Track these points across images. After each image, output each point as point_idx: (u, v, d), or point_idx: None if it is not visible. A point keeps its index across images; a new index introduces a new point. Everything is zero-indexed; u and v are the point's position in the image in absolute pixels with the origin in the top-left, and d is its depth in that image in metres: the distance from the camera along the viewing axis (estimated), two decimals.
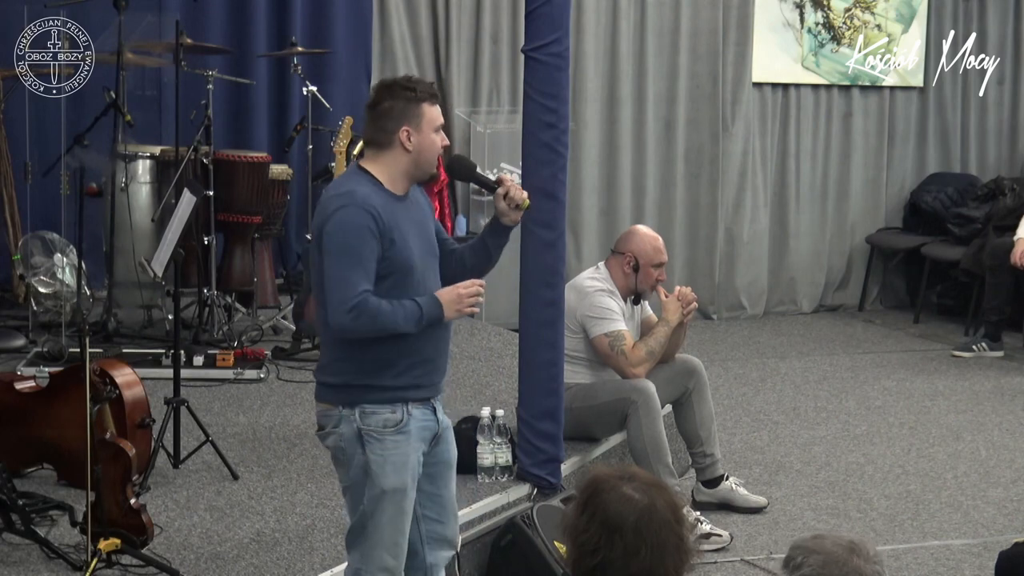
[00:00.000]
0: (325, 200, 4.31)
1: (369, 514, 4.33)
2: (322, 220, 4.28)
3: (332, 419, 4.35)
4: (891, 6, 11.47)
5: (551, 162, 5.72)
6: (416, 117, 4.34)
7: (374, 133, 4.39)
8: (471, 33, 10.30)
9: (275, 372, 7.60)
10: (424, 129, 4.36)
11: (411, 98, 4.34)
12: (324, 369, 4.42)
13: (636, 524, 2.91)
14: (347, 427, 4.32)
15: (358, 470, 4.32)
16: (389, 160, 4.37)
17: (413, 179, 4.45)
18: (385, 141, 4.36)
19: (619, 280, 6.50)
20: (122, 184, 7.99)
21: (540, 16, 5.69)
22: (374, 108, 4.38)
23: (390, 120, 4.34)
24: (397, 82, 4.43)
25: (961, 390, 8.96)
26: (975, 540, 6.33)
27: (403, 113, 4.33)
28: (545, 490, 5.81)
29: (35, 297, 8.07)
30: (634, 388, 6.28)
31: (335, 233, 4.24)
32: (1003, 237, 10.17)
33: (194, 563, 4.92)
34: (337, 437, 4.34)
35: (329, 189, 4.40)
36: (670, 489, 3.04)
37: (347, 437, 4.32)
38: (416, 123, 4.34)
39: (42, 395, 5.69)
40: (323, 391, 4.40)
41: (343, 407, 4.33)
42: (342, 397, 4.34)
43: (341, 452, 4.35)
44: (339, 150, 8.13)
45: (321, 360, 4.48)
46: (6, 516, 4.97)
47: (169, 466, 5.88)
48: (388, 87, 4.41)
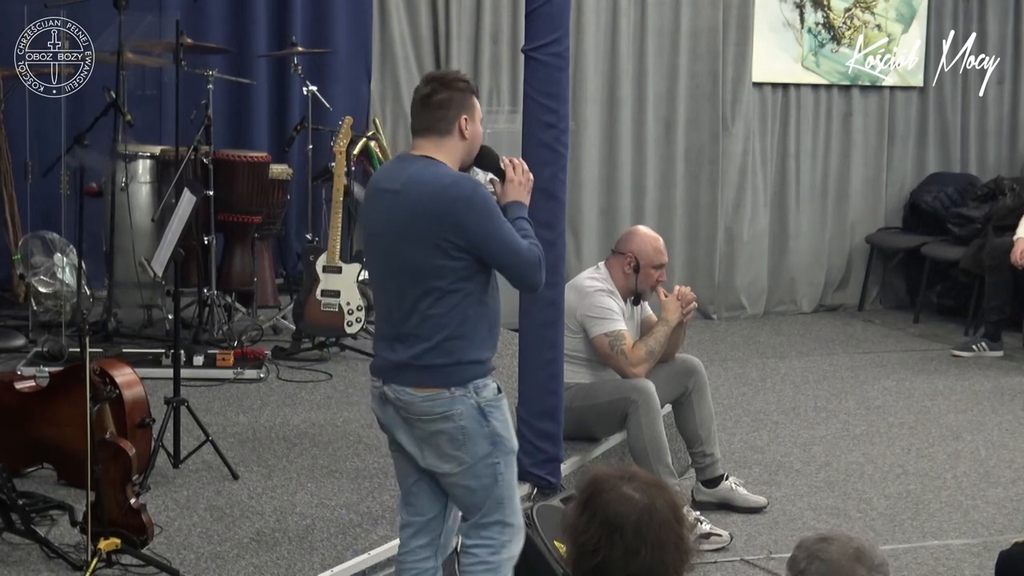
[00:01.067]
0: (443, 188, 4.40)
1: (507, 478, 4.52)
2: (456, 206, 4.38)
3: (442, 403, 4.43)
4: (891, 6, 11.47)
5: (551, 162, 5.72)
6: (471, 108, 4.56)
7: (433, 122, 4.54)
8: (471, 33, 10.30)
9: (275, 372, 7.60)
10: (476, 119, 4.58)
11: (465, 89, 4.57)
12: (430, 352, 4.44)
13: (636, 524, 2.91)
14: (464, 406, 4.43)
15: (484, 442, 4.45)
16: (450, 146, 4.54)
17: (465, 166, 4.63)
18: (444, 129, 4.53)
19: (619, 280, 6.50)
20: (122, 184, 7.99)
21: (540, 16, 5.69)
22: (430, 99, 4.55)
23: (450, 110, 4.53)
24: (449, 75, 4.66)
25: (961, 390, 8.96)
26: (975, 540, 6.33)
27: (461, 104, 4.53)
28: (545, 490, 5.81)
29: (35, 297, 8.07)
30: (634, 388, 6.28)
31: (486, 208, 4.42)
32: (1003, 237, 10.17)
33: (194, 563, 4.92)
34: (456, 418, 4.42)
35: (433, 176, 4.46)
36: (670, 489, 3.04)
37: (468, 415, 4.43)
38: (471, 113, 4.56)
39: (42, 395, 5.69)
40: (428, 376, 4.44)
41: (455, 387, 4.42)
42: (454, 378, 4.43)
43: (462, 432, 4.43)
44: (339, 150, 8.14)
45: (416, 347, 4.47)
46: (6, 516, 4.97)
47: (169, 466, 5.89)
48: (441, 79, 4.61)
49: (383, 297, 4.58)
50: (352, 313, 7.90)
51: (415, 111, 4.59)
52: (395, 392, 4.48)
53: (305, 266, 8.12)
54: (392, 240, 4.47)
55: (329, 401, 7.17)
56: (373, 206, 4.59)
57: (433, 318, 4.42)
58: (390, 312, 4.53)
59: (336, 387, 7.44)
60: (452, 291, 4.42)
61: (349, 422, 6.78)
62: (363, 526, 5.34)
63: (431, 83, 4.60)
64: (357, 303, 7.92)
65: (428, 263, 4.39)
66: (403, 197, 4.44)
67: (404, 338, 4.48)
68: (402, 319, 4.48)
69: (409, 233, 4.41)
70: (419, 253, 4.41)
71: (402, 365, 4.46)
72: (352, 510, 5.52)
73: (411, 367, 4.45)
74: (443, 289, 4.41)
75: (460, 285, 4.42)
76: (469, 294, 4.44)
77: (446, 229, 4.36)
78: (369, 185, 4.80)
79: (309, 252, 8.09)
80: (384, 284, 4.56)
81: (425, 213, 4.39)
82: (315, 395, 7.27)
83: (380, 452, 6.29)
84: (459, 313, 4.43)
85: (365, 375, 7.62)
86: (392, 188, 4.49)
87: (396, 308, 4.49)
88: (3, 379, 5.87)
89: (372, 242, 4.61)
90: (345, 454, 6.27)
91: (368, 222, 4.62)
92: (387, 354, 4.53)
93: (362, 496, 5.69)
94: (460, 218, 4.37)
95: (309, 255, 8.06)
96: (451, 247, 4.37)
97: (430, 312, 4.42)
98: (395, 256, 4.47)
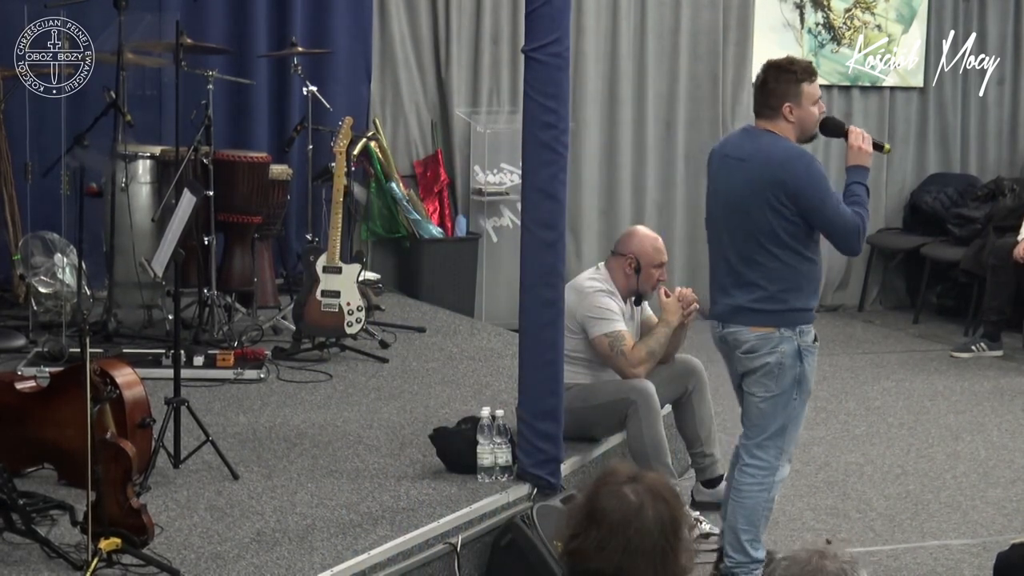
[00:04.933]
0: (780, 163, 5.34)
1: (797, 415, 5.53)
2: (793, 177, 5.32)
3: (771, 341, 5.40)
4: (891, 6, 11.49)
5: (551, 162, 5.72)
6: (796, 95, 5.40)
7: (762, 107, 5.48)
8: (471, 33, 10.32)
9: (275, 372, 7.60)
10: (804, 103, 5.40)
11: (790, 80, 5.40)
12: (769, 299, 5.38)
13: (615, 523, 2.93)
14: (789, 346, 5.39)
15: (790, 381, 5.42)
16: (781, 126, 5.43)
17: (804, 139, 5.51)
18: (771, 114, 5.42)
19: (620, 281, 6.50)
20: (122, 184, 7.99)
21: (540, 16, 5.69)
22: (762, 85, 5.47)
23: (772, 97, 5.42)
24: (782, 63, 5.47)
25: (960, 390, 8.98)
26: (974, 540, 6.34)
27: (785, 93, 5.40)
28: (545, 490, 5.82)
29: (35, 297, 8.07)
30: (634, 388, 6.29)
31: (817, 181, 5.40)
32: (1004, 237, 10.19)
33: (194, 562, 4.93)
34: (780, 355, 5.39)
35: (774, 149, 5.39)
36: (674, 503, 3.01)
37: (789, 354, 5.39)
38: (796, 100, 5.40)
39: (42, 395, 5.69)
40: (762, 317, 5.40)
41: (784, 328, 5.39)
42: (786, 320, 5.40)
43: (779, 367, 5.41)
44: (339, 150, 8.15)
45: (755, 293, 5.40)
46: (7, 516, 4.98)
47: (169, 466, 5.89)
48: (773, 67, 5.46)
49: (721, 248, 5.53)
50: (352, 313, 7.91)
51: (754, 93, 5.60)
52: (730, 331, 5.47)
53: (305, 266, 8.13)
54: (738, 200, 5.40)
55: (329, 401, 7.17)
56: (720, 169, 5.53)
57: (772, 271, 5.34)
58: (729, 262, 5.47)
59: (336, 387, 7.45)
60: (787, 248, 5.33)
61: (349, 422, 6.79)
62: (363, 526, 5.35)
63: (766, 70, 5.48)
64: (357, 303, 7.92)
65: (767, 224, 5.31)
66: (748, 164, 5.38)
67: (743, 285, 5.41)
68: (743, 268, 5.41)
69: (752, 197, 5.33)
70: (760, 215, 5.32)
71: (739, 308, 5.42)
72: (352, 510, 5.53)
73: (751, 310, 5.40)
74: (780, 245, 5.32)
75: (793, 243, 5.33)
76: (800, 251, 5.35)
77: (782, 196, 5.28)
78: (716, 151, 5.67)
79: (309, 252, 8.10)
80: (723, 238, 5.50)
81: (767, 181, 5.31)
82: (315, 395, 7.28)
83: (380, 452, 6.30)
84: (791, 267, 5.35)
85: (365, 375, 7.67)
86: (739, 156, 5.45)
87: (736, 259, 5.43)
88: (3, 379, 5.87)
89: (716, 199, 5.56)
90: (345, 454, 6.28)
91: (716, 182, 5.56)
92: (725, 299, 5.50)
93: (362, 496, 5.70)
94: (795, 188, 5.28)
95: (309, 255, 8.06)
96: (787, 211, 5.29)
97: (769, 265, 5.34)
98: (739, 215, 5.39)
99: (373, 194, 9.93)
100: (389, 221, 10.01)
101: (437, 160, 10.24)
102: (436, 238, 10.03)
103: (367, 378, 7.66)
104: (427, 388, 7.50)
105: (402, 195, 9.92)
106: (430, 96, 10.33)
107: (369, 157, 9.78)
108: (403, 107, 10.19)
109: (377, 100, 10.08)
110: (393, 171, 9.96)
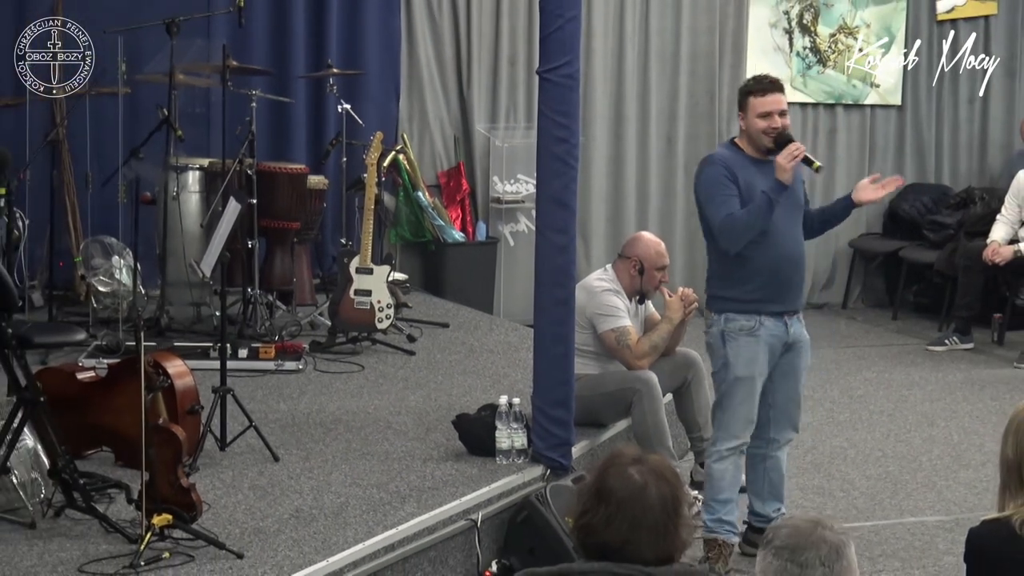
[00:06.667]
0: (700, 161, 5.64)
1: (726, 395, 5.51)
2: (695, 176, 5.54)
3: (709, 323, 5.53)
4: (872, 32, 11.44)
5: (563, 173, 5.70)
6: (744, 107, 5.46)
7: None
8: (491, 56, 10.31)
9: (312, 364, 7.59)
10: (750, 114, 5.42)
11: (743, 92, 5.51)
12: (709, 285, 5.57)
13: (622, 499, 2.93)
14: (716, 327, 5.49)
15: (721, 362, 5.49)
16: (741, 136, 5.52)
17: (762, 148, 5.45)
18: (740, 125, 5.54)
19: (625, 282, 6.48)
20: (174, 193, 7.99)
21: (553, 41, 5.67)
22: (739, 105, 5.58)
23: (738, 109, 5.56)
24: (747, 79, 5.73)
25: (935, 380, 8.94)
26: (948, 517, 6.31)
27: (741, 104, 5.50)
28: (557, 471, 5.80)
29: (95, 295, 8.08)
30: (638, 378, 6.27)
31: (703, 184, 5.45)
32: (974, 241, 10.15)
33: (239, 537, 4.92)
34: (711, 336, 5.51)
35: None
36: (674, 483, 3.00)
37: (715, 335, 5.50)
38: (745, 111, 5.46)
39: (101, 384, 5.69)
40: (706, 300, 5.60)
41: (713, 313, 5.50)
42: (716, 305, 5.50)
43: (710, 347, 5.55)
44: (370, 162, 8.13)
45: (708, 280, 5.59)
46: (69, 494, 4.98)
47: (216, 449, 5.88)
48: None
49: None
50: (382, 311, 7.90)
51: None
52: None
53: (340, 268, 8.12)
54: None
55: (361, 390, 7.16)
56: None
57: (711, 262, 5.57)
58: None
59: (368, 378, 7.44)
60: (714, 241, 5.44)
61: (379, 409, 6.77)
62: (392, 504, 5.33)
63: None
64: (387, 301, 7.91)
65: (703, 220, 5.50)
66: None
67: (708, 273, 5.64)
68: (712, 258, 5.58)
69: None
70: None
71: None
72: (382, 489, 5.51)
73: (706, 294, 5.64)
74: (710, 239, 5.48)
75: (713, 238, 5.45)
76: None
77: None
78: None
79: (343, 255, 8.09)
80: None
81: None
82: (348, 385, 7.26)
83: (407, 436, 6.29)
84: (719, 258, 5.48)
85: (394, 367, 7.66)
86: None
87: None
88: (66, 370, 5.88)
89: None
90: (375, 438, 6.26)
91: None
92: None
93: (391, 476, 5.68)
94: (695, 189, 5.50)
95: (343, 258, 8.06)
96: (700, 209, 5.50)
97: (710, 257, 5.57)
98: None
99: (401, 202, 9.92)
100: (416, 227, 10.00)
101: (459, 171, 10.22)
102: (458, 242, 10.01)
103: (396, 369, 7.64)
104: (450, 378, 7.48)
105: (427, 203, 9.90)
106: (453, 113, 10.31)
107: (398, 169, 9.76)
108: (428, 123, 10.17)
109: (405, 117, 10.07)
110: (419, 181, 9.95)
